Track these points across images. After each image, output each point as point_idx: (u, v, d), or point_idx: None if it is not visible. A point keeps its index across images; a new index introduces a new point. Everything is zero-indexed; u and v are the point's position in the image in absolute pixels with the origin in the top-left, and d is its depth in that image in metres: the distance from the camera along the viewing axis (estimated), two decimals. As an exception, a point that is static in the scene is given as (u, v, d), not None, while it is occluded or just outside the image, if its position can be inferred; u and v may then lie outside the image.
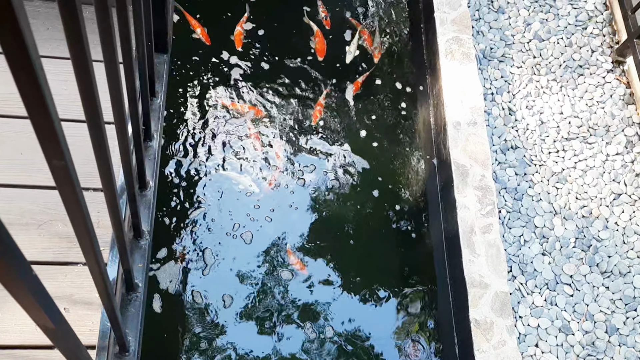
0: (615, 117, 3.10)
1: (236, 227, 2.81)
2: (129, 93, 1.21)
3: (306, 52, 3.32)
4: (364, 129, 3.18)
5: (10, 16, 0.45)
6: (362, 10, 3.53)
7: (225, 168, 2.93)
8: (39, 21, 1.73)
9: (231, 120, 3.06)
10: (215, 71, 3.16)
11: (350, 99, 3.24)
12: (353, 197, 3.01)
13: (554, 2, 3.43)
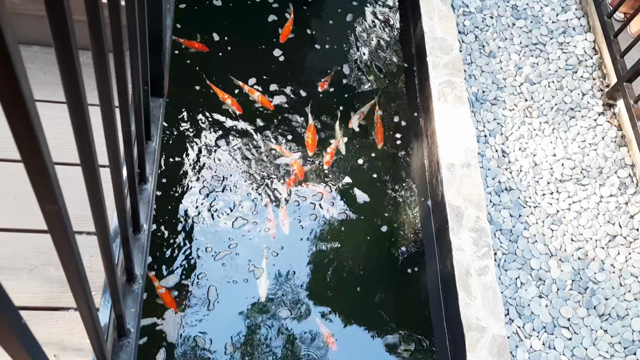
0: (608, 159, 3.13)
1: (240, 270, 2.79)
2: (125, 136, 1.22)
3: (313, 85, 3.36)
4: (357, 171, 3.19)
5: (5, 62, 0.45)
6: (357, 58, 3.59)
7: (227, 212, 2.93)
8: (37, 66, 1.75)
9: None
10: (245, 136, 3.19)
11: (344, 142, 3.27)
12: (347, 241, 2.99)
13: (544, 47, 3.50)
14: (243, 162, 3.09)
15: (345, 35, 3.64)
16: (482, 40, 3.47)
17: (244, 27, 3.54)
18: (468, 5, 3.59)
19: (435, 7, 3.47)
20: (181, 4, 3.51)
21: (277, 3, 3.67)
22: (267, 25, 3.57)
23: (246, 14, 3.59)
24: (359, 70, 3.53)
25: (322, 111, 3.33)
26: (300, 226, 2.97)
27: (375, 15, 3.77)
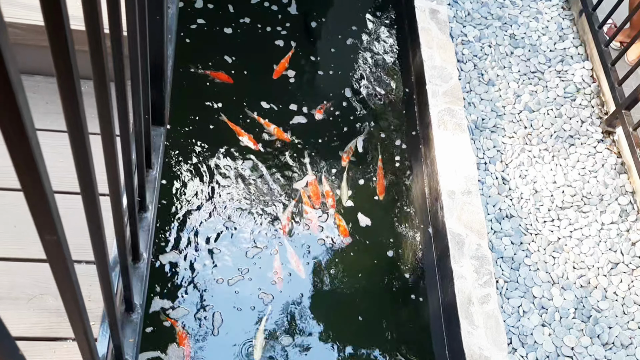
0: (608, 186, 3.13)
1: (243, 299, 2.77)
2: (125, 165, 1.22)
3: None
4: (356, 199, 3.19)
5: (7, 93, 0.45)
6: (357, 84, 3.61)
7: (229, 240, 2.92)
8: (39, 95, 1.76)
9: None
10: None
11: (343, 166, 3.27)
12: (348, 268, 2.97)
13: (542, 75, 3.53)
14: (252, 191, 3.09)
15: (345, 63, 3.67)
16: (481, 68, 3.50)
17: (253, 56, 3.57)
18: (466, 34, 3.63)
19: (434, 36, 3.51)
20: (191, 26, 3.55)
21: (286, 30, 3.71)
22: (276, 52, 3.61)
23: (256, 42, 3.63)
24: (359, 100, 3.55)
25: (323, 145, 3.34)
26: (303, 255, 2.96)
27: (374, 44, 3.81)
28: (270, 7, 3.81)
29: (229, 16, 3.70)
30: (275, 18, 3.77)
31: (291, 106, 3.42)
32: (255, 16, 3.74)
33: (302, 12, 3.84)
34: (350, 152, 3.30)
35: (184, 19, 3.60)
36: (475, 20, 3.72)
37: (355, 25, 3.87)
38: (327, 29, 3.85)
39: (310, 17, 3.85)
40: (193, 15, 3.64)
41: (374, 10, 4.01)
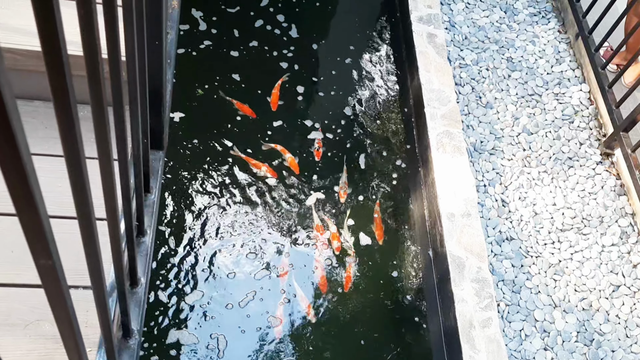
0: (608, 208, 3.12)
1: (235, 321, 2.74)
2: (123, 190, 1.22)
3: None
4: (355, 222, 3.18)
5: (2, 117, 0.45)
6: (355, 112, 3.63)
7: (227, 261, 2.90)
8: (38, 120, 1.76)
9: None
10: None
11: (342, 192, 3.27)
12: (348, 292, 2.95)
13: (540, 98, 3.55)
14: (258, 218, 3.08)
15: (343, 86, 3.69)
16: (479, 91, 3.52)
17: (258, 78, 3.59)
18: (464, 57, 3.66)
19: (432, 59, 3.54)
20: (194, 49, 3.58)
21: (292, 53, 3.73)
22: (280, 73, 3.63)
23: (262, 64, 3.65)
24: (357, 123, 3.57)
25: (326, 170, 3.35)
26: (305, 281, 2.94)
27: (373, 68, 3.84)
28: (272, 30, 3.85)
29: (234, 39, 3.72)
30: (281, 41, 3.80)
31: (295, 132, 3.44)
32: (259, 39, 3.77)
33: (302, 35, 3.87)
34: (345, 186, 3.24)
35: (192, 40, 3.63)
36: (472, 44, 3.75)
37: (354, 48, 3.90)
38: (327, 51, 3.88)
39: (311, 40, 3.88)
40: (199, 37, 3.67)
41: (371, 34, 4.04)
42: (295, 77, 3.66)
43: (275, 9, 3.95)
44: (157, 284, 2.79)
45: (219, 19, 3.79)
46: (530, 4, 4.09)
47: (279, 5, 3.98)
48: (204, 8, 3.80)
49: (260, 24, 3.85)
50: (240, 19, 3.83)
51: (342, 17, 4.16)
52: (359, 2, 4.29)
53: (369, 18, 4.18)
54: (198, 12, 3.77)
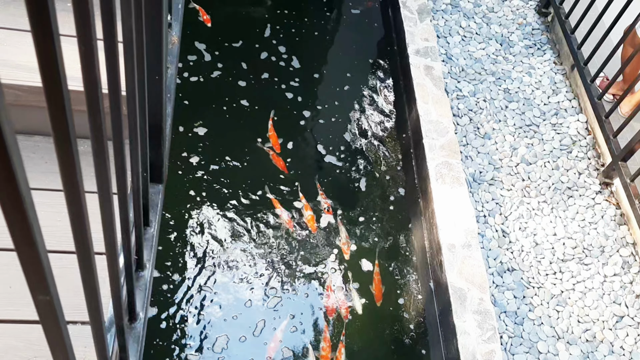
0: (609, 237, 3.11)
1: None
2: (122, 224, 1.21)
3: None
4: (355, 251, 3.16)
5: (3, 156, 0.45)
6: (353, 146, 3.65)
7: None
8: (38, 155, 1.77)
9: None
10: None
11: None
12: (349, 323, 2.92)
13: (538, 128, 3.57)
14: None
15: (342, 119, 3.72)
16: (477, 122, 3.54)
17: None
18: (461, 89, 3.70)
19: (430, 91, 3.57)
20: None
21: (296, 83, 3.77)
22: (285, 104, 3.66)
23: (270, 95, 3.68)
24: (357, 155, 3.58)
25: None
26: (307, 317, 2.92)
27: (372, 100, 3.87)
28: (277, 62, 3.89)
29: (242, 71, 3.76)
30: (286, 72, 3.85)
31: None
32: (266, 70, 3.82)
33: (304, 66, 3.93)
34: (348, 243, 3.15)
35: (203, 69, 3.68)
36: (469, 76, 3.79)
37: (352, 80, 3.94)
38: (327, 82, 3.92)
39: (312, 71, 3.93)
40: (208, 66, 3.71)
41: (370, 66, 4.09)
42: (296, 105, 3.69)
43: (277, 40, 4.01)
44: (157, 317, 2.76)
45: (221, 52, 3.83)
46: (525, 37, 4.14)
47: (280, 35, 4.04)
48: (207, 41, 3.85)
49: (265, 55, 3.90)
50: (243, 51, 3.88)
51: (341, 49, 4.21)
52: (357, 34, 4.34)
53: (368, 50, 4.23)
54: (201, 45, 3.82)
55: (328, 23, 4.41)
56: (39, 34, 0.55)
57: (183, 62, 3.69)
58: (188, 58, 3.73)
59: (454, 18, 4.16)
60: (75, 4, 0.67)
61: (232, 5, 4.20)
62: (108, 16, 0.82)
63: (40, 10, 0.53)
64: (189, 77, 3.66)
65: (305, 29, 4.18)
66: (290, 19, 4.18)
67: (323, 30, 4.30)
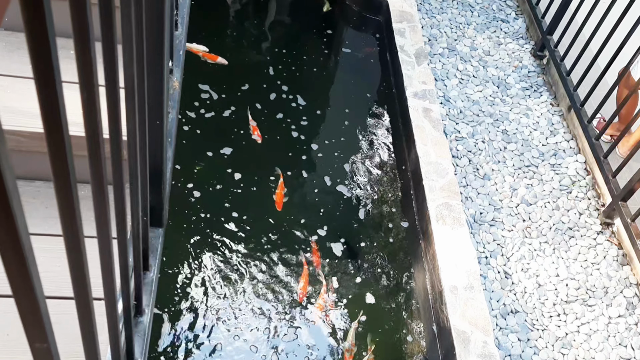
0: (612, 278, 3.09)
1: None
2: (122, 269, 1.21)
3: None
4: (356, 294, 3.13)
5: (3, 202, 0.46)
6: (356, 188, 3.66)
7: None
8: (39, 200, 1.77)
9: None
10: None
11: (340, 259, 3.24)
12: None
13: (537, 169, 3.58)
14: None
15: (341, 160, 3.74)
16: (476, 163, 3.56)
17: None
18: (460, 131, 3.73)
19: (428, 133, 3.60)
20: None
21: (304, 121, 3.80)
22: (292, 142, 3.68)
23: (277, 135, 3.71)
24: (356, 199, 3.59)
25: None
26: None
27: (370, 142, 3.89)
28: (290, 103, 3.96)
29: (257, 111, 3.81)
30: (295, 110, 3.90)
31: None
32: (277, 109, 3.88)
33: (308, 104, 3.98)
34: (352, 348, 2.92)
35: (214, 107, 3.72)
36: (467, 118, 3.83)
37: (351, 124, 3.97)
38: (327, 122, 3.96)
39: (315, 108, 3.97)
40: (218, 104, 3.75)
41: (369, 110, 4.13)
42: (303, 144, 3.72)
43: (281, 80, 4.07)
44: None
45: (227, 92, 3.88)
46: (522, 79, 4.20)
47: (283, 74, 4.10)
48: (211, 82, 3.90)
49: (268, 94, 3.95)
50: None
51: (340, 92, 4.27)
52: (357, 77, 4.41)
53: (367, 93, 4.29)
54: (204, 85, 3.86)
55: (327, 69, 4.48)
56: (41, 82, 0.56)
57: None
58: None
59: (451, 61, 4.23)
60: (78, 52, 0.69)
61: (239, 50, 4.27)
62: (110, 63, 0.84)
63: (43, 59, 0.54)
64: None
65: (306, 70, 4.24)
66: (293, 63, 4.25)
67: (322, 76, 4.36)
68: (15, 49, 1.87)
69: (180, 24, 2.20)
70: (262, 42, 4.52)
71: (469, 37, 4.48)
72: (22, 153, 1.70)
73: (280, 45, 4.44)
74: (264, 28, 4.62)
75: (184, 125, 3.64)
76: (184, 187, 3.36)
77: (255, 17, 4.76)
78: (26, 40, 0.53)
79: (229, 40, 4.48)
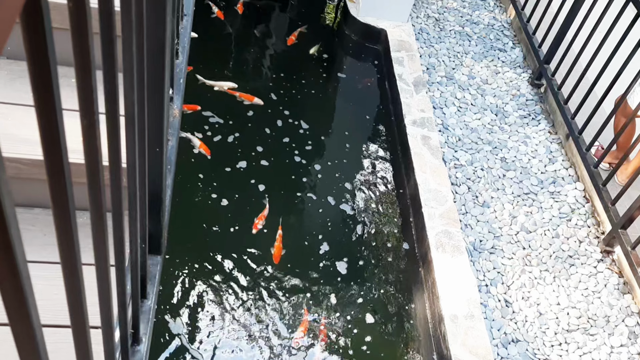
0: (613, 307, 3.06)
1: None
2: (119, 297, 1.20)
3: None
4: (357, 326, 3.10)
5: (1, 229, 0.46)
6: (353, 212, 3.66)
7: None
8: (37, 228, 1.77)
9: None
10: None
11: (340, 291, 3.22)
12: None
13: (536, 196, 3.58)
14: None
15: (340, 189, 3.74)
16: (475, 191, 3.56)
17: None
18: (459, 158, 3.74)
19: (427, 160, 3.61)
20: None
21: (309, 146, 3.81)
22: (296, 167, 3.68)
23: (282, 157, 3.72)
24: (356, 226, 3.58)
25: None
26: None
27: (370, 170, 3.90)
28: (296, 126, 3.97)
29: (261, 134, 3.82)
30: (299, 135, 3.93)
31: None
32: (283, 133, 3.91)
33: (311, 129, 4.01)
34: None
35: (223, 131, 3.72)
36: (466, 145, 3.84)
37: (351, 151, 3.99)
38: (326, 148, 3.97)
39: (317, 134, 4.00)
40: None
41: (369, 137, 4.15)
42: (306, 165, 3.72)
43: (284, 106, 4.10)
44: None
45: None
46: (519, 107, 4.23)
47: (285, 99, 4.14)
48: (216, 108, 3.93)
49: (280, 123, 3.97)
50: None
51: (340, 120, 4.29)
52: (356, 106, 4.43)
53: (366, 121, 4.31)
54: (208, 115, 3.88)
55: (327, 96, 4.51)
56: (42, 110, 0.57)
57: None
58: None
59: (449, 90, 4.26)
60: (79, 81, 0.69)
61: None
62: (111, 92, 0.85)
63: (44, 87, 0.55)
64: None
65: (306, 97, 4.27)
66: (293, 89, 4.28)
67: (322, 104, 4.39)
68: (17, 77, 1.88)
69: (181, 52, 2.22)
70: (263, 69, 4.57)
71: (467, 66, 4.52)
72: (21, 180, 1.70)
73: (281, 72, 4.48)
74: (264, 57, 4.67)
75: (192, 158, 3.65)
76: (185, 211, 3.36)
77: (256, 45, 4.81)
78: (28, 69, 0.54)
79: (232, 67, 4.52)
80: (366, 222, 3.59)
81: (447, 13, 5.08)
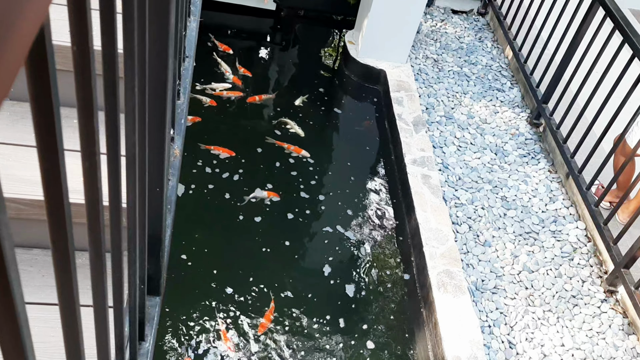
0: (619, 348, 3.02)
1: None
2: (117, 339, 1.18)
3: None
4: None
5: (0, 271, 0.45)
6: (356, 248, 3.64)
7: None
8: (36, 269, 1.75)
9: None
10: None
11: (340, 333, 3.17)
12: None
13: (538, 235, 3.57)
14: None
15: (339, 229, 3.73)
16: (476, 230, 3.55)
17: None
18: (459, 197, 3.74)
19: (428, 199, 3.61)
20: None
21: (315, 181, 3.81)
22: (299, 202, 3.68)
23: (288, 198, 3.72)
24: (356, 265, 3.56)
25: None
26: None
27: (370, 210, 3.90)
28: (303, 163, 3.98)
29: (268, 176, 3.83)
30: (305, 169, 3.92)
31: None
32: (286, 163, 3.89)
33: (314, 157, 4.04)
34: None
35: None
36: (466, 184, 3.85)
37: (352, 191, 3.99)
38: (326, 187, 3.98)
39: (321, 165, 4.00)
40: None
41: (369, 177, 4.16)
42: (309, 202, 3.71)
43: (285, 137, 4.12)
44: None
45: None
46: (519, 146, 4.25)
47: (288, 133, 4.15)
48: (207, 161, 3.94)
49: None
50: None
51: (339, 160, 4.31)
52: (356, 146, 4.46)
53: (366, 160, 4.32)
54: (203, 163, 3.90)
55: (326, 136, 4.54)
56: (44, 151, 0.57)
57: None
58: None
59: (448, 129, 4.29)
60: (81, 122, 0.70)
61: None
62: (113, 133, 0.85)
63: (47, 129, 0.55)
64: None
65: (306, 136, 4.30)
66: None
67: (321, 143, 4.42)
68: (20, 118, 1.90)
69: (183, 93, 2.24)
70: (265, 107, 4.60)
71: (466, 106, 4.57)
72: (21, 221, 1.69)
73: (282, 111, 4.52)
74: (269, 94, 4.71)
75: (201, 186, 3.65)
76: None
77: (260, 84, 4.87)
78: (31, 112, 0.54)
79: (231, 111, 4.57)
80: (366, 261, 3.57)
81: (445, 54, 5.15)
